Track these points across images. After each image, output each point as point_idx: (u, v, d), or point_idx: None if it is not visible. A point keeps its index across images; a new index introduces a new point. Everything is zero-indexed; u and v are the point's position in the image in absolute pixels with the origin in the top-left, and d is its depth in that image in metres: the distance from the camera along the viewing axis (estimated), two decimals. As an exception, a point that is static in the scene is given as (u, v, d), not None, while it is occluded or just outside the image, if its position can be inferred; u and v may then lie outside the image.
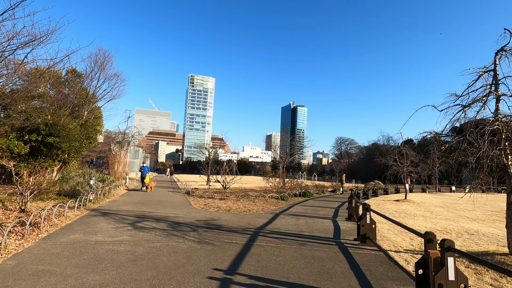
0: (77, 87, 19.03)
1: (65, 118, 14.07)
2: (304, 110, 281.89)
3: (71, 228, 6.59)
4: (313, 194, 19.30)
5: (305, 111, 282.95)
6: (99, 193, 11.45)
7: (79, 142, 16.03)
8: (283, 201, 14.74)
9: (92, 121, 18.20)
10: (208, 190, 19.97)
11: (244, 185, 27.17)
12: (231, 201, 13.81)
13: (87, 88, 19.37)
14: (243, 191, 19.52)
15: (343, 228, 8.08)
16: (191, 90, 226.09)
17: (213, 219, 8.68)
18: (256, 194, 16.28)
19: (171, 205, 11.29)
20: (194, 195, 15.89)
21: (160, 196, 14.51)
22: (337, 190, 23.63)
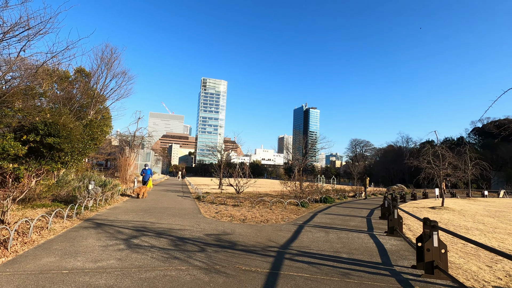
0: (81, 85, 18.16)
1: (66, 117, 13.01)
2: (316, 112, 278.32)
3: (49, 246, 5.27)
4: (335, 200, 17.55)
5: (317, 113, 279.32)
6: (99, 199, 10.22)
7: (82, 143, 14.99)
8: (304, 208, 13.13)
9: (98, 121, 17.22)
10: (220, 194, 18.59)
11: (258, 189, 25.67)
12: (245, 208, 12.32)
13: (93, 86, 18.46)
14: (258, 196, 18.02)
15: (389, 247, 6.42)
16: (204, 94, 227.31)
17: (226, 232, 7.21)
18: (272, 200, 14.74)
19: (178, 214, 9.91)
20: (205, 200, 14.51)
21: (167, 202, 13.20)
22: (357, 195, 21.73)
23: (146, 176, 15.55)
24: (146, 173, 15.67)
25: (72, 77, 20.84)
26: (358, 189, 25.40)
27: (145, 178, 15.50)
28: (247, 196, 17.60)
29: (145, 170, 15.89)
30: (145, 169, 15.95)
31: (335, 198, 18.12)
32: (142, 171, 16.09)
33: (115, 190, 11.74)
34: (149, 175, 15.70)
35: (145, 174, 15.67)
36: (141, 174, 16.28)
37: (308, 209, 12.98)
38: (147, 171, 15.77)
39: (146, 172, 15.69)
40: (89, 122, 15.93)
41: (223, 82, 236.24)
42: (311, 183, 16.25)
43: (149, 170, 15.92)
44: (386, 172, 63.03)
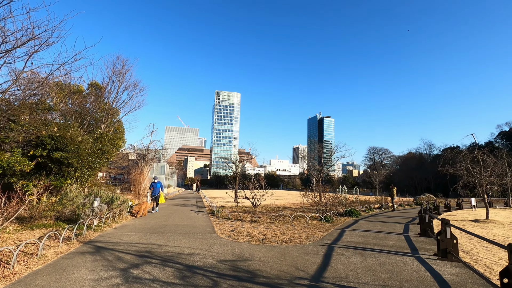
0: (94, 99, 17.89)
1: (74, 130, 12.48)
2: (331, 121, 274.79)
3: (30, 282, 4.34)
4: (360, 213, 16.03)
5: (332, 122, 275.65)
6: (105, 217, 9.39)
7: (92, 157, 14.44)
8: (329, 224, 11.80)
9: (109, 134, 16.75)
10: (236, 208, 17.50)
11: (275, 201, 24.38)
12: (264, 224, 11.16)
13: (105, 99, 18.17)
14: (275, 210, 16.79)
15: (448, 277, 5.08)
16: (217, 106, 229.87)
17: (243, 257, 6.09)
18: (293, 214, 13.49)
19: (190, 233, 8.89)
20: (220, 215, 13.46)
21: (179, 219, 12.24)
22: (384, 206, 19.99)
23: (156, 190, 14.37)
24: (155, 187, 14.45)
25: (86, 92, 20.79)
26: (383, 199, 23.59)
27: (155, 193, 14.41)
28: (264, 210, 16.41)
29: (154, 183, 14.62)
30: (154, 183, 14.65)
31: (360, 210, 16.59)
32: (151, 185, 14.82)
33: (123, 207, 10.91)
34: (159, 189, 14.49)
35: (154, 188, 14.45)
36: (150, 189, 14.92)
37: (333, 225, 11.64)
38: (156, 184, 14.51)
39: (155, 186, 14.46)
40: (100, 136, 15.43)
41: (237, 94, 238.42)
42: (333, 194, 14.87)
43: (158, 184, 14.61)
44: (409, 180, 59.77)
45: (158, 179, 15.02)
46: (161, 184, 14.92)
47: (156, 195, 14.41)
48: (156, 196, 14.39)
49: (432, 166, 56.69)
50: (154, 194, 14.50)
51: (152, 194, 14.59)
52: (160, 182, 14.85)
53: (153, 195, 14.53)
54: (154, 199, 14.49)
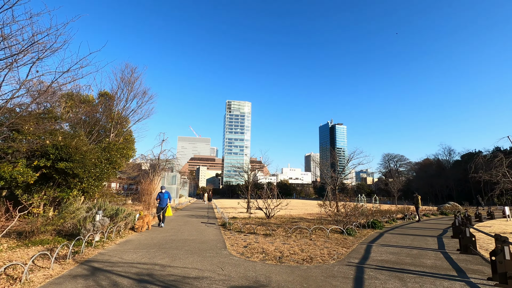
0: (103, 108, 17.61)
1: (79, 139, 12.01)
2: (343, 128, 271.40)
3: (2, 318, 3.60)
4: (384, 224, 14.77)
5: (344, 129, 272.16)
6: (107, 231, 8.68)
7: (99, 167, 13.95)
8: (351, 238, 10.70)
9: (118, 144, 16.32)
10: (249, 220, 16.56)
11: (289, 211, 23.24)
12: (280, 238, 10.18)
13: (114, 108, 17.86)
14: (291, 221, 15.75)
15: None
16: (229, 115, 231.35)
17: (259, 282, 5.18)
18: (310, 226, 12.45)
19: (199, 250, 8.03)
20: (232, 228, 12.56)
21: (188, 232, 11.42)
22: (407, 217, 18.52)
23: (163, 201, 13.02)
24: (162, 197, 13.10)
25: (96, 101, 20.63)
26: (405, 209, 22.08)
27: (162, 204, 13.05)
28: (279, 222, 15.39)
29: (161, 194, 13.24)
30: (161, 193, 13.24)
31: (382, 221, 15.30)
32: (157, 196, 13.45)
33: (129, 220, 10.21)
34: (167, 200, 13.14)
35: (160, 200, 13.10)
36: (156, 200, 13.65)
37: (356, 239, 10.53)
38: (163, 195, 13.14)
39: (162, 197, 13.11)
40: (108, 145, 14.98)
41: (247, 103, 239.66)
42: (354, 204, 13.73)
43: (166, 194, 13.24)
44: (428, 188, 57.01)
45: (165, 189, 13.62)
46: (169, 195, 13.46)
47: (163, 207, 12.96)
48: (163, 208, 12.96)
49: (453, 172, 54.05)
50: (161, 206, 13.05)
51: (159, 206, 13.11)
52: (168, 192, 13.48)
53: (159, 207, 13.08)
54: (160, 212, 12.92)
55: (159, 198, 13.30)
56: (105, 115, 17.34)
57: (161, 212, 12.86)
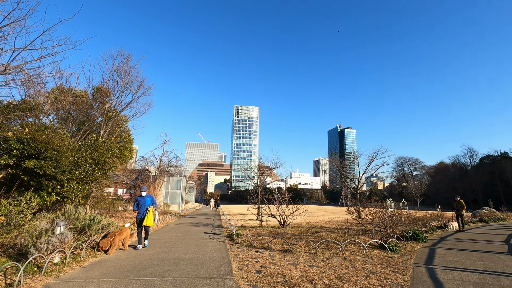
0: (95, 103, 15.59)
1: (51, 131, 9.86)
2: (352, 132, 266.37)
3: None
4: (426, 236, 12.06)
5: (353, 133, 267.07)
6: (70, 251, 6.36)
7: (83, 168, 11.78)
8: (397, 255, 8.14)
9: (108, 141, 14.21)
10: (260, 229, 14.10)
11: (306, 219, 20.60)
12: (303, 256, 7.71)
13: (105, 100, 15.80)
14: (310, 230, 13.21)
15: None
16: (236, 121, 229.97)
17: None
18: (336, 238, 9.93)
19: (192, 278, 5.63)
20: (240, 241, 10.13)
21: (185, 246, 9.03)
22: (447, 225, 15.66)
23: (142, 210, 8.72)
24: (143, 204, 8.80)
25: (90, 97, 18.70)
26: (439, 216, 19.18)
27: (140, 214, 8.70)
28: (296, 232, 12.88)
29: (141, 199, 8.88)
30: (141, 197, 8.88)
31: (422, 231, 12.58)
32: (135, 202, 8.89)
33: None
34: (147, 207, 8.80)
35: (140, 207, 8.78)
36: (134, 209, 8.85)
37: (404, 257, 7.97)
38: (144, 200, 8.85)
39: (143, 203, 8.81)
40: (94, 142, 12.84)
41: (255, 108, 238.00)
42: (391, 211, 11.12)
43: (148, 199, 8.93)
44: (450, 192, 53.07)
45: (146, 192, 9.13)
46: (153, 200, 9.21)
47: (143, 218, 8.61)
48: (141, 218, 8.61)
49: (478, 175, 50.26)
50: (141, 216, 8.66)
51: (138, 217, 8.73)
52: (151, 196, 9.20)
53: (139, 218, 8.68)
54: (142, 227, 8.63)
55: (138, 204, 8.83)
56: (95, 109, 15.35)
57: (142, 227, 8.61)
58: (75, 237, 7.32)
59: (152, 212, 8.76)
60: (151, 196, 9.26)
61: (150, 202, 9.03)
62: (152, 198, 9.18)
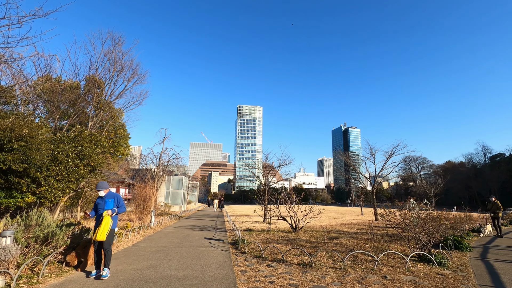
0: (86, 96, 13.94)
1: (16, 118, 8.23)
2: (356, 132, 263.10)
3: None
4: (467, 242, 10.22)
5: (358, 132, 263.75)
6: (20, 269, 4.69)
7: (64, 164, 10.15)
8: (447, 271, 6.36)
9: (96, 134, 12.57)
10: (269, 233, 12.40)
11: (318, 221, 18.78)
12: (331, 275, 5.95)
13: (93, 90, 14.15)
14: (327, 235, 11.44)
15: None
16: (240, 120, 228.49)
17: None
18: (362, 246, 8.16)
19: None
20: (247, 250, 8.40)
21: (180, 258, 7.33)
22: (483, 230, 13.77)
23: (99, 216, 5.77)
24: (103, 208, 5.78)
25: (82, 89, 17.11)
26: (467, 218, 17.25)
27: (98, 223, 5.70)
28: (312, 238, 11.11)
29: (100, 200, 5.90)
30: (100, 199, 5.92)
31: (461, 237, 10.74)
32: (94, 205, 5.97)
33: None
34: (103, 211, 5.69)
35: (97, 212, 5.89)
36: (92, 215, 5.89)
37: (455, 272, 6.21)
38: (105, 202, 5.82)
39: (103, 207, 5.80)
40: (78, 134, 11.19)
41: (259, 108, 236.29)
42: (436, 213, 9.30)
43: (109, 203, 5.85)
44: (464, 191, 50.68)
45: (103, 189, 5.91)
46: (119, 201, 6.01)
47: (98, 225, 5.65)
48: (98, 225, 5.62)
49: (495, 174, 47.90)
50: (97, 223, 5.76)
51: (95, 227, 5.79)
52: (115, 196, 6.03)
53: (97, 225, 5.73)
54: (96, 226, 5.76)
55: (96, 208, 5.92)
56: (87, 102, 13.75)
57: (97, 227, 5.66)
58: (36, 249, 5.65)
59: (108, 221, 5.53)
60: (116, 195, 6.08)
61: (112, 205, 5.80)
62: (117, 199, 5.99)
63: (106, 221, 5.47)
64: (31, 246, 5.74)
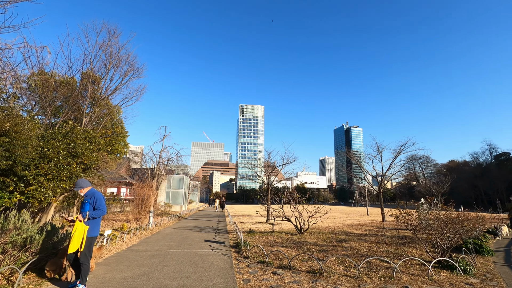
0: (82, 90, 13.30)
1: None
2: (358, 131, 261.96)
3: None
4: (487, 245, 9.51)
5: (360, 132, 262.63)
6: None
7: (54, 162, 9.53)
8: (474, 279, 5.68)
9: (90, 130, 11.93)
10: (272, 235, 11.73)
11: (324, 222, 18.06)
12: (344, 285, 5.27)
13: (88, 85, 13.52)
14: (334, 238, 10.76)
15: None
16: (242, 120, 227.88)
17: None
18: (373, 250, 7.47)
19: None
20: (250, 255, 7.73)
21: (177, 264, 6.67)
22: (499, 231, 13.03)
23: None
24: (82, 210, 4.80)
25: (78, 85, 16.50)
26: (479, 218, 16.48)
27: None
28: (319, 241, 10.43)
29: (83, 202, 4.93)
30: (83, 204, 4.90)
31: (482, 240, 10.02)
32: None
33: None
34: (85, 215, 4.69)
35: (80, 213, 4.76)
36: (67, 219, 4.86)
37: (484, 282, 5.54)
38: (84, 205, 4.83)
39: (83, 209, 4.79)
40: (71, 130, 10.57)
41: (260, 107, 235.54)
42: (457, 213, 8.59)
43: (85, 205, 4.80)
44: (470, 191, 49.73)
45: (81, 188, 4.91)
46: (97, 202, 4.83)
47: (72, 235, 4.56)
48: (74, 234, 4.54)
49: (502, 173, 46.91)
50: None
51: None
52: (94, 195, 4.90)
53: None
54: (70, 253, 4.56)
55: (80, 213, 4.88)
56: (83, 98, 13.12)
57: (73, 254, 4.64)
58: (13, 256, 5.02)
59: (81, 229, 4.47)
60: (95, 194, 4.87)
61: (87, 208, 4.75)
62: (94, 200, 4.80)
63: (78, 229, 4.44)
64: (8, 252, 5.11)
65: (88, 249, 4.58)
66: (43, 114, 13.50)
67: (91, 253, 4.69)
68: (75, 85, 15.67)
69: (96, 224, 4.81)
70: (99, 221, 4.90)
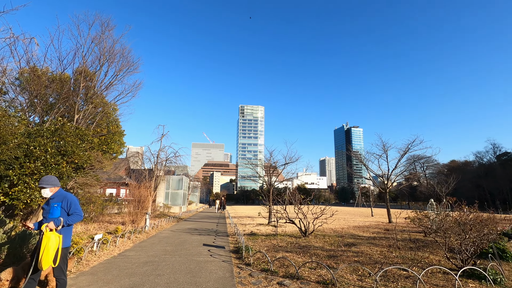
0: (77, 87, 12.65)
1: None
2: (359, 131, 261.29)
3: None
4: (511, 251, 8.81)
5: (360, 132, 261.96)
6: None
7: (41, 161, 8.86)
8: (511, 292, 4.97)
9: (81, 127, 11.26)
10: (275, 238, 11.04)
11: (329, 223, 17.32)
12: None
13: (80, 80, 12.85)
14: (342, 242, 10.05)
15: None
16: (242, 120, 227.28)
17: None
18: (386, 255, 6.79)
19: None
20: (252, 262, 7.04)
21: (169, 277, 5.98)
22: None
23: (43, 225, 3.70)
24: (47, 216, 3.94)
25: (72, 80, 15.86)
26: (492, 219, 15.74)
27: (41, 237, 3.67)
28: (326, 245, 9.73)
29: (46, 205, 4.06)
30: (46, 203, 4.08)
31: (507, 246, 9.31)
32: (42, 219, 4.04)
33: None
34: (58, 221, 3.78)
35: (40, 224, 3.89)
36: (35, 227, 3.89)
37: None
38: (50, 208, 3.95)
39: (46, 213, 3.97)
40: (60, 127, 9.89)
41: (260, 107, 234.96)
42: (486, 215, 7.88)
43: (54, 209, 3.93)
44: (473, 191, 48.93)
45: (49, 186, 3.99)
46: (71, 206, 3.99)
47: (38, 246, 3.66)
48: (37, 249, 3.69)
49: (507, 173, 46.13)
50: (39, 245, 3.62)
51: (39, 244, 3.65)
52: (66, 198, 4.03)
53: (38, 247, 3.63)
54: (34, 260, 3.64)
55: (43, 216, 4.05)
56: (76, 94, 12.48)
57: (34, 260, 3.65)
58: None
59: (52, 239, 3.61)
60: (67, 197, 4.07)
61: (59, 213, 3.95)
62: (67, 203, 4.00)
63: (51, 240, 3.58)
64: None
65: (63, 261, 3.87)
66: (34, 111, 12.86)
67: (66, 265, 4.00)
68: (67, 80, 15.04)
69: (69, 232, 4.06)
70: (70, 228, 4.13)
